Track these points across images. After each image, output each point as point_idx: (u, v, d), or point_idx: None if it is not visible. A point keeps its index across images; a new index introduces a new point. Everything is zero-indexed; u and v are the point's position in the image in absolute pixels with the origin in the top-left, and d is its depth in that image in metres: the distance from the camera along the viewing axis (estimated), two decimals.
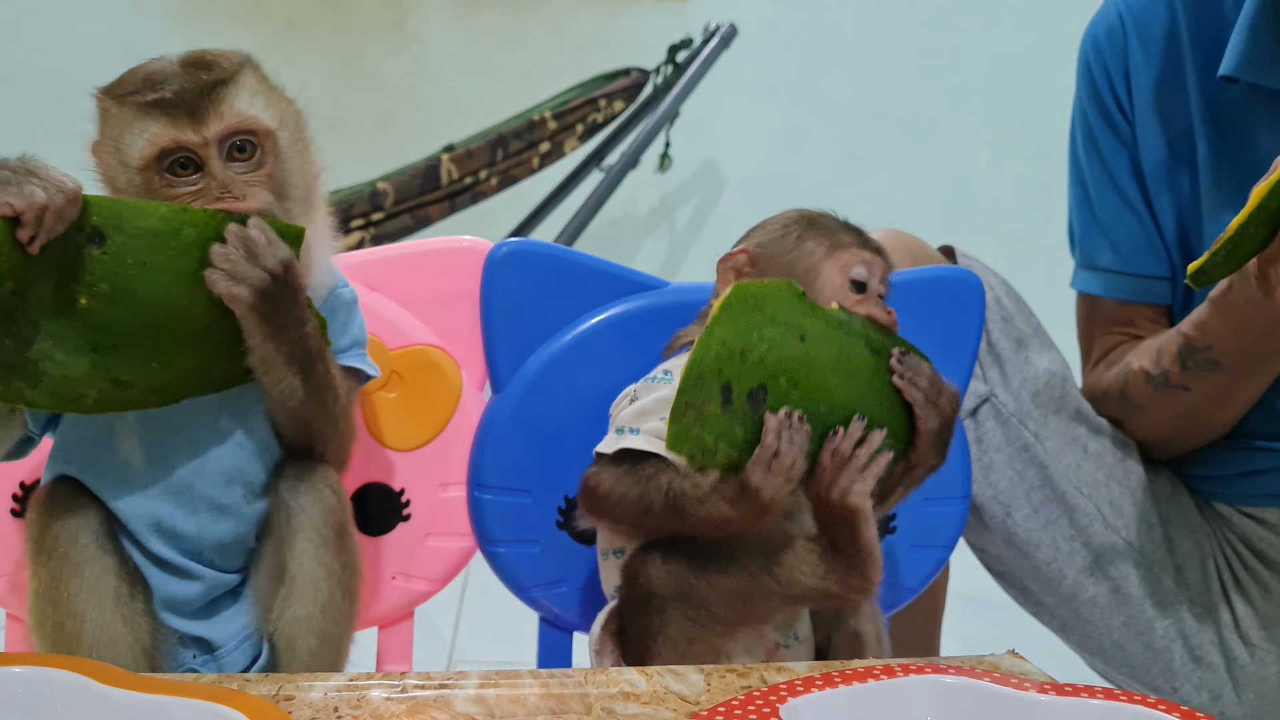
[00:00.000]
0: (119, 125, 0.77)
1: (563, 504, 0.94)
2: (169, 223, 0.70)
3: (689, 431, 0.72)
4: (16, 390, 0.72)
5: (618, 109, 2.55)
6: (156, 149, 0.75)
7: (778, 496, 0.73)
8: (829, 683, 0.62)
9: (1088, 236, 1.13)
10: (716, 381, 0.72)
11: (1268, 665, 1.04)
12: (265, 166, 0.78)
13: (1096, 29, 1.11)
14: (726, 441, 0.73)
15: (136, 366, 0.74)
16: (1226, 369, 0.99)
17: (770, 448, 0.72)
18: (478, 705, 0.63)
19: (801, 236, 0.84)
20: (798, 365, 0.73)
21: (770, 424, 0.73)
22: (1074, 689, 0.61)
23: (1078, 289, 1.16)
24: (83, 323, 0.71)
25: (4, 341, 0.71)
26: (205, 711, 0.56)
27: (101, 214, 0.70)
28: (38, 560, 0.79)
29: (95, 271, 0.70)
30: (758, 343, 0.72)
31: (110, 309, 0.71)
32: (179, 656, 0.83)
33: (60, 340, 0.72)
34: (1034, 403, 1.05)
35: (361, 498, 0.97)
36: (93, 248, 0.70)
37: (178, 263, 0.71)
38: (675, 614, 0.79)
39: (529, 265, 0.95)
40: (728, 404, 0.72)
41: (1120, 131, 1.09)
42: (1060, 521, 1.05)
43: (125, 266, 0.70)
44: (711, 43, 2.58)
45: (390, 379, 0.97)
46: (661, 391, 0.83)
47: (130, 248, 0.70)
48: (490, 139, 2.40)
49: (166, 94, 0.75)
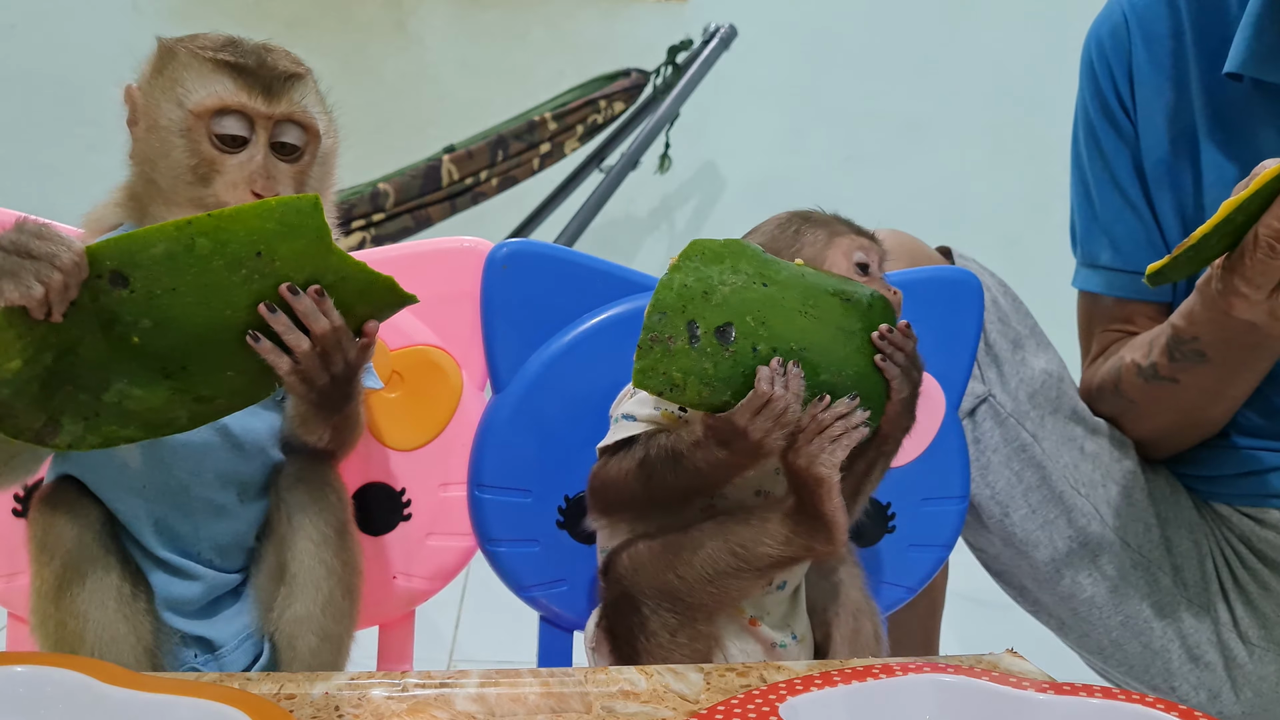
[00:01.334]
0: (187, 70, 0.77)
1: (563, 504, 0.95)
2: (179, 242, 0.67)
3: (656, 367, 0.72)
4: (109, 433, 0.72)
5: (618, 110, 2.55)
6: (221, 104, 0.76)
7: (768, 440, 0.73)
8: (828, 682, 0.62)
9: (1089, 234, 1.13)
10: (681, 319, 0.72)
11: (1266, 665, 1.05)
12: (300, 166, 0.80)
13: (1100, 28, 1.11)
14: (696, 377, 0.73)
15: (213, 380, 0.73)
16: (1213, 361, 0.99)
17: (763, 395, 0.73)
18: (478, 704, 0.63)
19: (800, 230, 0.86)
20: (762, 305, 0.74)
21: (763, 374, 0.73)
22: (1073, 688, 0.61)
23: (1078, 287, 1.16)
24: (144, 356, 0.70)
25: (79, 397, 0.70)
26: (207, 710, 0.56)
27: (113, 257, 0.67)
28: (40, 560, 0.79)
29: (132, 311, 0.69)
30: (718, 285, 0.73)
31: (162, 339, 0.70)
32: (180, 656, 0.83)
33: (132, 377, 0.71)
34: (1031, 403, 1.05)
35: (362, 497, 0.97)
36: (119, 290, 0.68)
37: (204, 278, 0.68)
38: (652, 608, 0.79)
39: (529, 266, 0.95)
40: (694, 340, 0.72)
41: (1122, 130, 1.09)
42: (1058, 521, 1.05)
43: (156, 298, 0.68)
44: (711, 44, 2.58)
45: (391, 379, 0.97)
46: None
47: (153, 278, 0.68)
48: (491, 140, 2.40)
49: (249, 62, 0.77)
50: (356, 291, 0.73)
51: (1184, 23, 1.04)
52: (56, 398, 0.70)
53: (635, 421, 0.81)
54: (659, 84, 2.60)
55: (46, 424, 0.71)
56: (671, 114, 2.55)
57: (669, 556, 0.79)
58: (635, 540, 0.82)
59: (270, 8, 2.69)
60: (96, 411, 0.71)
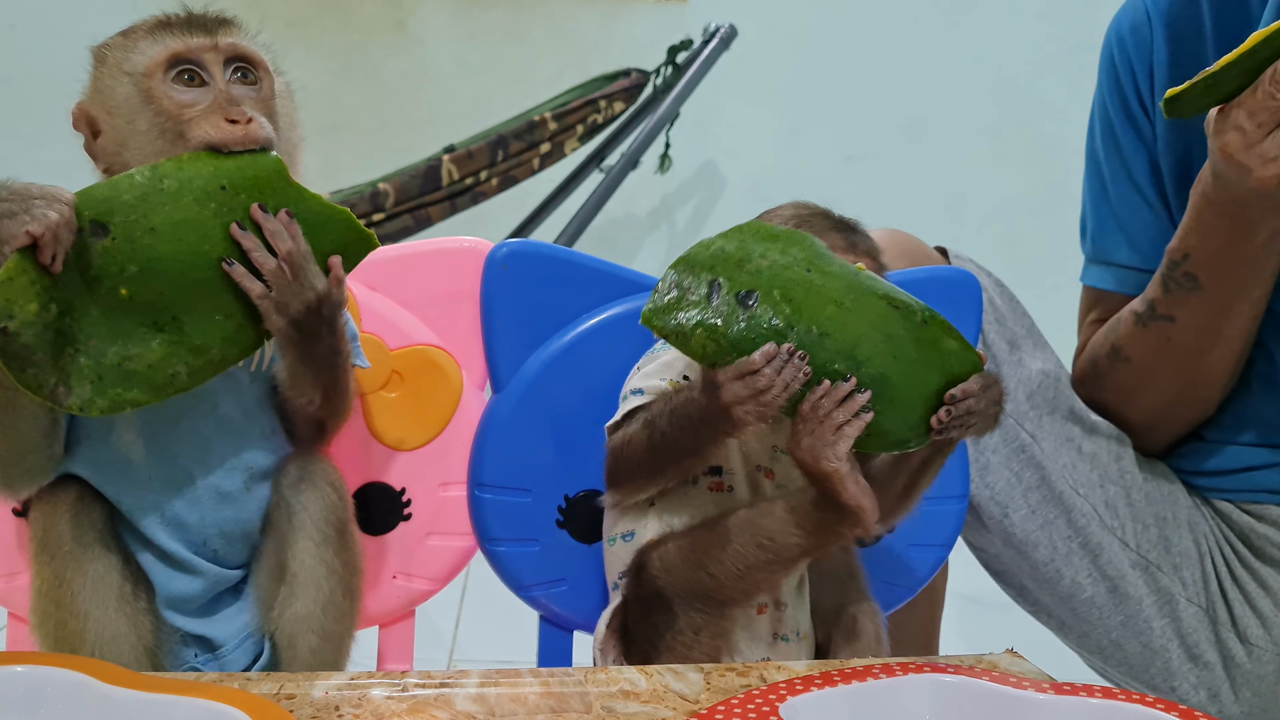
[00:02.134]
0: (125, 50, 0.79)
1: (563, 504, 0.95)
2: (150, 183, 0.71)
3: (669, 309, 0.74)
4: (115, 396, 0.74)
5: (618, 110, 2.55)
6: (169, 53, 0.78)
7: (738, 408, 0.73)
8: (828, 681, 0.62)
9: (1103, 232, 1.12)
10: (706, 275, 0.74)
11: (1265, 664, 1.04)
12: (262, 94, 0.81)
13: (1121, 24, 1.10)
14: (704, 330, 0.73)
15: (204, 327, 0.75)
16: (1204, 288, 0.99)
17: (750, 364, 0.72)
18: (478, 704, 0.63)
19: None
20: (796, 286, 0.74)
21: (766, 349, 0.72)
22: (1073, 688, 0.61)
23: (1088, 283, 1.15)
24: (134, 310, 0.73)
25: (79, 360, 0.72)
26: (207, 710, 0.56)
27: (91, 206, 0.71)
28: (41, 559, 0.79)
29: (116, 260, 0.71)
30: (758, 258, 0.74)
31: (149, 286, 0.72)
32: (181, 655, 0.83)
33: (126, 336, 0.73)
34: (1029, 403, 1.05)
35: (362, 497, 0.97)
36: (100, 240, 0.71)
37: (178, 213, 0.72)
38: (683, 608, 0.79)
39: (529, 265, 0.95)
40: (713, 296, 0.73)
41: (1141, 128, 1.09)
42: (1057, 521, 1.05)
43: (136, 240, 0.71)
44: (711, 44, 2.58)
45: (391, 379, 0.97)
46: (664, 357, 0.85)
47: (131, 222, 0.71)
48: (491, 140, 2.40)
49: (179, 14, 0.80)
50: (318, 225, 0.76)
51: (1206, 20, 1.03)
52: (63, 359, 0.72)
53: (643, 395, 0.82)
54: (659, 84, 2.60)
55: (57, 384, 0.72)
56: (671, 114, 2.55)
57: (699, 555, 0.80)
58: (665, 541, 0.82)
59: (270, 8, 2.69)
60: (99, 375, 0.73)
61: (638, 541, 0.84)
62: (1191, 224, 0.97)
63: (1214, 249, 0.96)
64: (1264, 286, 1.00)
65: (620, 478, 0.84)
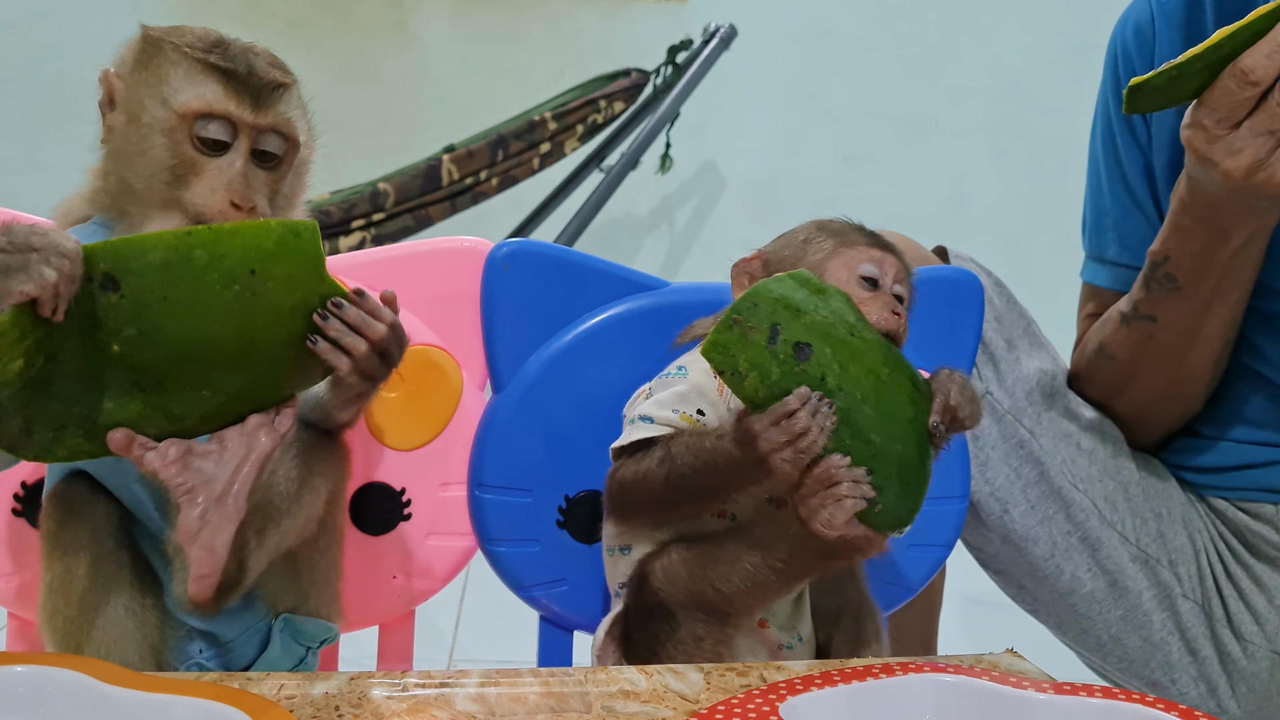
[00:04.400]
0: (174, 68, 0.76)
1: (563, 504, 0.95)
2: (177, 251, 0.67)
3: (728, 347, 0.71)
4: (73, 446, 0.71)
5: (618, 110, 2.55)
6: (208, 108, 0.75)
7: (774, 455, 0.71)
8: (828, 681, 0.62)
9: (1098, 228, 1.14)
10: (769, 319, 0.71)
11: (1259, 661, 1.05)
12: (277, 174, 0.79)
13: (1126, 24, 1.10)
14: (759, 374, 0.72)
15: (187, 399, 0.71)
16: (1184, 288, 0.99)
17: (788, 407, 0.71)
18: (478, 704, 0.63)
19: (809, 239, 0.84)
20: (844, 349, 0.73)
21: (800, 392, 0.71)
22: (1073, 687, 0.61)
23: (1085, 279, 1.17)
24: (122, 367, 0.69)
25: (49, 405, 0.69)
26: (207, 710, 0.56)
27: (108, 260, 0.67)
28: (52, 555, 0.80)
29: (118, 318, 0.68)
30: (810, 310, 0.73)
31: (144, 350, 0.69)
32: (187, 651, 0.83)
33: (104, 389, 0.70)
34: (1028, 400, 1.06)
35: (362, 497, 0.97)
36: (108, 294, 0.67)
37: (197, 292, 0.68)
38: (685, 618, 0.79)
39: (529, 265, 0.95)
40: (772, 342, 0.71)
41: (1136, 129, 1.10)
42: (1057, 517, 1.05)
43: (145, 306, 0.67)
44: (711, 44, 2.58)
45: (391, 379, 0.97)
46: (677, 386, 0.83)
47: (145, 286, 0.67)
48: (491, 139, 2.40)
49: (238, 68, 0.76)
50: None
51: (1208, 23, 1.04)
52: (33, 404, 0.69)
53: (653, 424, 0.81)
54: (659, 84, 2.60)
55: (21, 430, 0.69)
56: (671, 114, 2.55)
57: (705, 570, 0.79)
58: (668, 549, 0.82)
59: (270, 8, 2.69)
60: (64, 423, 0.70)
61: (636, 554, 0.84)
62: (1171, 227, 0.98)
63: (1192, 251, 0.97)
64: (1242, 289, 1.01)
65: (628, 511, 0.83)
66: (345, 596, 0.90)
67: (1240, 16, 1.01)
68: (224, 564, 0.72)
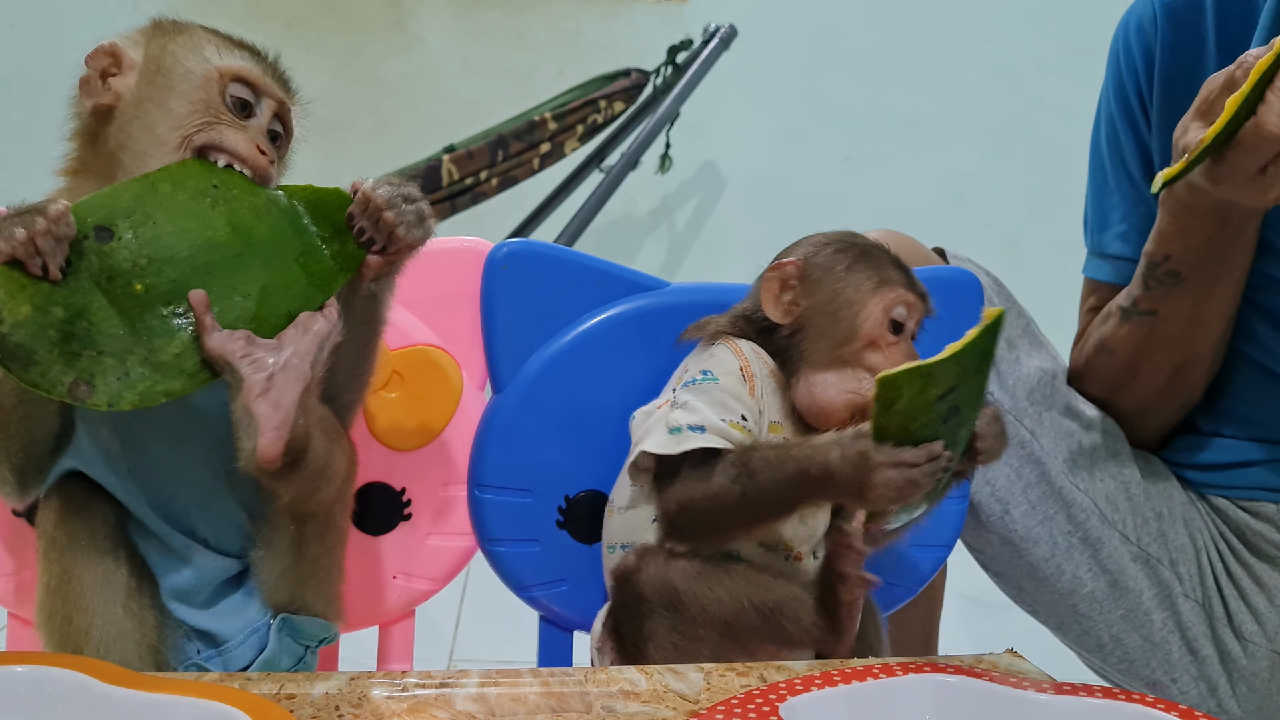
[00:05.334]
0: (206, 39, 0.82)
1: (563, 504, 0.95)
2: (144, 187, 0.74)
3: (923, 382, 0.71)
4: (146, 390, 0.73)
5: (618, 110, 2.55)
6: (244, 73, 0.80)
7: (877, 495, 0.72)
8: (828, 681, 0.62)
9: (1101, 224, 1.14)
10: (954, 380, 0.72)
11: (1259, 660, 1.05)
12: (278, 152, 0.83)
13: (1129, 22, 1.11)
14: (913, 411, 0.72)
15: (225, 308, 0.75)
16: (1186, 280, 1.00)
17: (918, 457, 0.71)
18: (478, 704, 0.63)
19: (853, 266, 0.84)
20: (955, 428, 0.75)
21: (932, 448, 0.71)
22: (1073, 688, 0.61)
23: (1088, 275, 1.17)
24: (153, 303, 0.73)
25: (105, 360, 0.72)
26: (207, 710, 0.56)
27: (93, 212, 0.72)
28: (49, 555, 0.80)
29: (125, 256, 0.73)
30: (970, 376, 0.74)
31: (162, 275, 0.73)
32: (185, 651, 0.83)
33: (149, 329, 0.73)
34: (1028, 400, 1.06)
35: (362, 497, 0.97)
36: (106, 241, 0.72)
37: (176, 207, 0.74)
38: (664, 624, 0.79)
39: (529, 265, 0.95)
40: (947, 396, 0.71)
41: (1138, 126, 1.10)
42: (1058, 517, 1.05)
43: (142, 235, 0.73)
44: (711, 44, 2.58)
45: (391, 379, 0.97)
46: (713, 394, 0.82)
47: (133, 220, 0.73)
48: (491, 140, 2.40)
49: (265, 53, 0.84)
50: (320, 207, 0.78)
51: (1208, 22, 1.04)
52: (82, 359, 0.71)
53: (705, 434, 0.79)
54: (659, 84, 2.60)
55: (78, 382, 0.71)
56: (671, 114, 2.55)
57: (695, 583, 0.79)
58: (660, 553, 0.81)
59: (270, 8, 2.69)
60: (127, 371, 0.72)
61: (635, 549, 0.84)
62: (1170, 229, 0.98)
63: (1195, 245, 0.98)
64: (1243, 266, 1.01)
65: (696, 531, 0.81)
66: (345, 596, 0.90)
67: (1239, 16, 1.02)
68: (292, 421, 0.72)
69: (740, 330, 0.87)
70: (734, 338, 0.86)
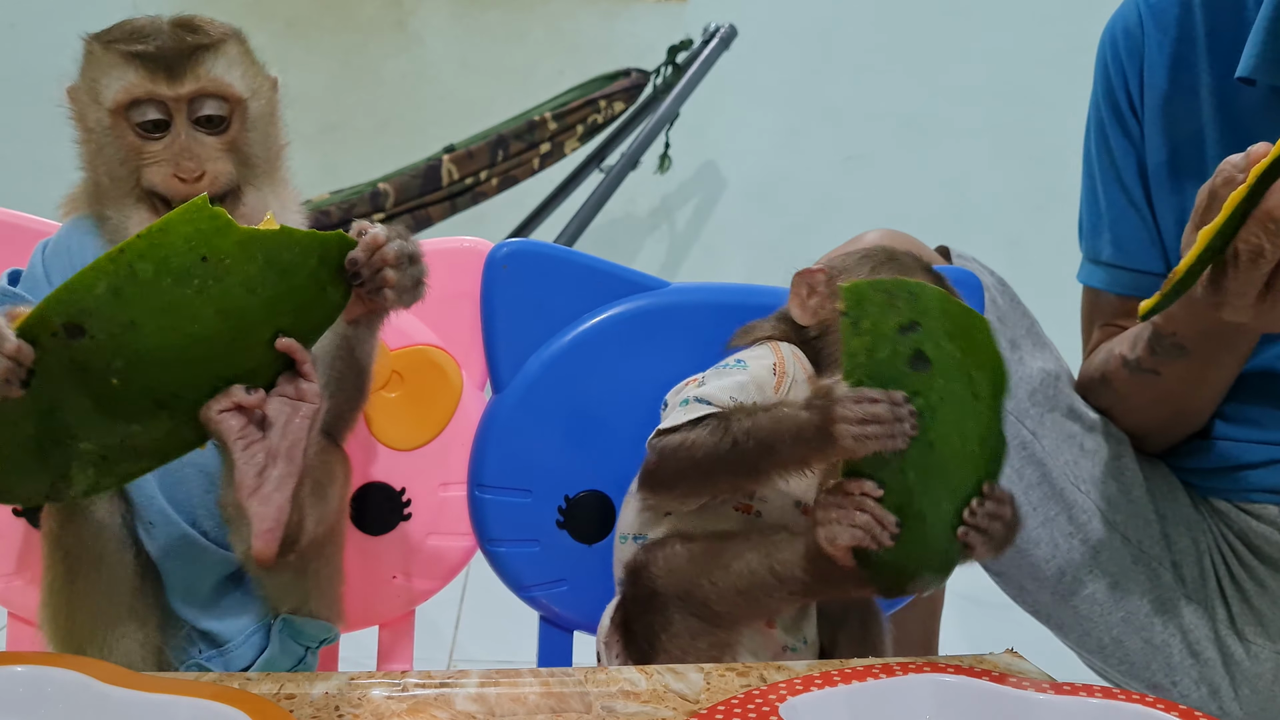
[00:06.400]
0: (99, 68, 0.79)
1: (563, 504, 0.95)
2: (119, 275, 0.64)
3: (866, 302, 0.69)
4: (124, 471, 0.72)
5: (618, 110, 2.55)
6: (130, 97, 0.77)
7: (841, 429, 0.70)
8: (828, 681, 0.62)
9: (1094, 230, 1.14)
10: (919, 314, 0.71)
11: (1262, 662, 1.05)
12: (229, 136, 0.80)
13: (1115, 26, 1.11)
14: (871, 340, 0.70)
15: (207, 392, 0.70)
16: (1192, 354, 1.00)
17: (875, 396, 0.70)
18: (478, 704, 0.63)
19: (876, 269, 0.85)
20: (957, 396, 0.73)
21: (894, 394, 0.70)
22: (1073, 688, 0.61)
23: (1082, 281, 1.17)
24: (130, 396, 0.69)
25: (80, 447, 0.69)
26: (207, 710, 0.56)
27: (59, 312, 0.65)
28: (54, 555, 0.80)
29: (99, 357, 0.67)
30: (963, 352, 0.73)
31: (141, 375, 0.68)
32: (187, 651, 0.83)
33: (126, 419, 0.69)
34: (1030, 401, 1.06)
35: (362, 497, 0.97)
36: (78, 340, 0.66)
37: (158, 304, 0.66)
38: (679, 611, 0.79)
39: (529, 265, 0.95)
40: (904, 331, 0.70)
41: (1129, 129, 1.10)
42: (1059, 519, 1.05)
43: (117, 337, 0.66)
44: (711, 44, 2.58)
45: (391, 379, 0.97)
46: (736, 376, 0.82)
47: (107, 320, 0.65)
48: (491, 140, 2.40)
49: (150, 47, 0.77)
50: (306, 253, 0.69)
51: (1198, 25, 1.04)
52: (55, 456, 0.69)
53: (709, 406, 0.79)
54: (659, 84, 2.60)
55: (55, 483, 0.70)
56: (671, 114, 2.55)
57: (705, 562, 0.79)
58: (672, 540, 0.82)
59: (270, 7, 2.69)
60: (104, 455, 0.70)
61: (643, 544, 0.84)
62: (1178, 315, 0.97)
63: (1203, 331, 0.97)
64: (1250, 342, 1.00)
65: (665, 480, 0.81)
66: (345, 596, 0.90)
67: (1230, 18, 1.02)
68: (286, 518, 0.71)
69: (783, 333, 0.87)
70: (777, 341, 0.86)
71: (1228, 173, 0.79)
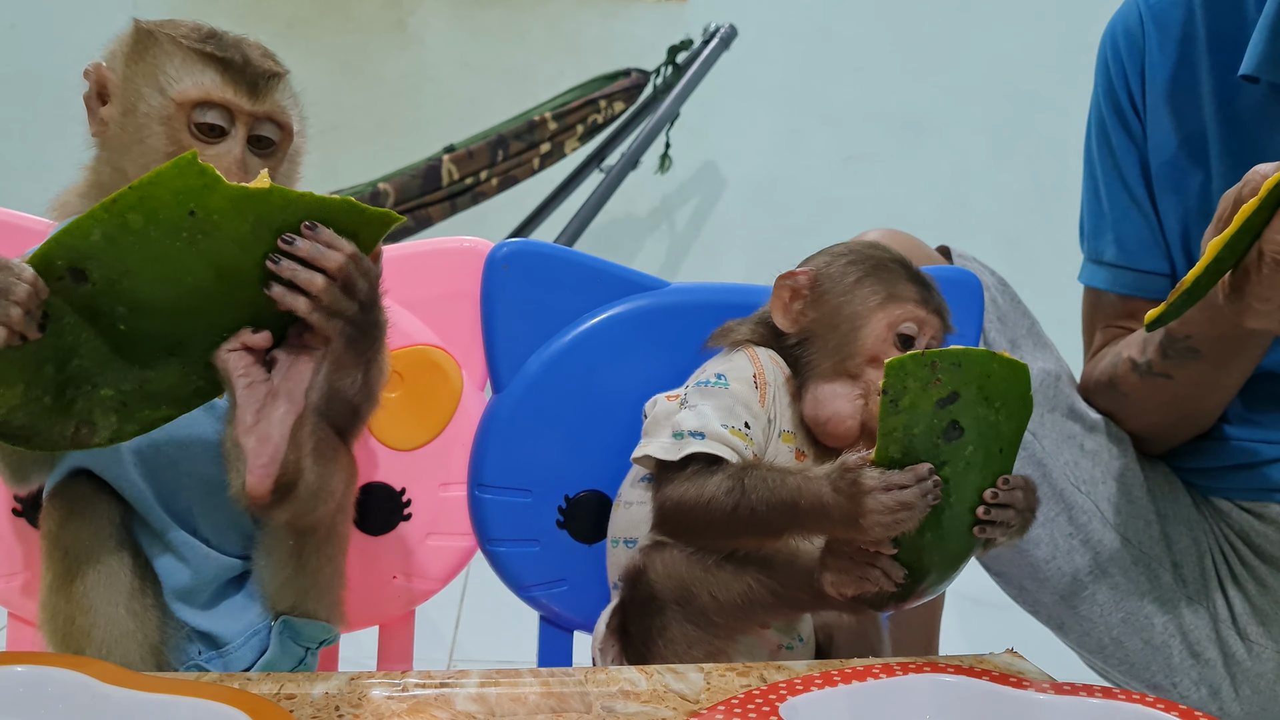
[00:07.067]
0: (170, 58, 0.78)
1: (563, 504, 0.95)
2: (111, 222, 0.65)
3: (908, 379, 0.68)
4: (145, 418, 0.72)
5: (618, 110, 2.55)
6: (204, 96, 0.77)
7: (872, 521, 0.69)
8: (828, 681, 0.62)
9: (1095, 230, 1.14)
10: (958, 384, 0.70)
11: (1264, 661, 1.05)
12: (273, 161, 0.81)
13: (1116, 27, 1.11)
14: (909, 419, 0.69)
15: (213, 341, 0.71)
16: (1206, 356, 0.99)
17: (905, 479, 0.69)
18: (478, 704, 0.63)
19: (862, 279, 0.83)
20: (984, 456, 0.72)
21: (918, 469, 0.69)
22: (1073, 688, 0.61)
23: (1084, 282, 1.16)
24: (140, 340, 0.70)
25: (101, 393, 0.71)
26: (207, 710, 0.56)
27: (61, 255, 0.66)
28: (53, 555, 0.80)
29: (104, 301, 0.68)
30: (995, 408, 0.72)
31: (145, 321, 0.69)
32: (186, 652, 0.83)
33: (140, 363, 0.71)
34: None
35: (362, 497, 0.97)
36: (82, 285, 0.67)
37: (151, 253, 0.66)
38: (676, 617, 0.79)
39: (529, 265, 0.95)
40: (942, 405, 0.69)
41: (1132, 129, 1.10)
42: (1059, 519, 1.05)
43: (116, 284, 0.67)
44: (711, 44, 2.58)
45: (391, 379, 0.97)
46: (719, 398, 0.81)
47: (104, 265, 0.67)
48: (491, 140, 2.40)
49: (234, 57, 0.78)
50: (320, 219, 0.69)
51: (1199, 25, 1.04)
52: (79, 401, 0.71)
53: (705, 440, 0.79)
54: (659, 84, 2.60)
55: (78, 428, 0.71)
56: (671, 114, 2.55)
57: (706, 575, 0.79)
58: (671, 546, 0.81)
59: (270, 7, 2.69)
60: (124, 401, 0.72)
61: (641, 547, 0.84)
62: (1193, 318, 0.95)
63: (1218, 333, 0.97)
64: (1263, 345, 1.00)
65: (681, 532, 0.81)
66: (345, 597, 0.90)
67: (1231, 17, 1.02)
68: (282, 456, 0.71)
69: (760, 337, 0.87)
70: (754, 345, 0.86)
71: (1255, 182, 0.77)
